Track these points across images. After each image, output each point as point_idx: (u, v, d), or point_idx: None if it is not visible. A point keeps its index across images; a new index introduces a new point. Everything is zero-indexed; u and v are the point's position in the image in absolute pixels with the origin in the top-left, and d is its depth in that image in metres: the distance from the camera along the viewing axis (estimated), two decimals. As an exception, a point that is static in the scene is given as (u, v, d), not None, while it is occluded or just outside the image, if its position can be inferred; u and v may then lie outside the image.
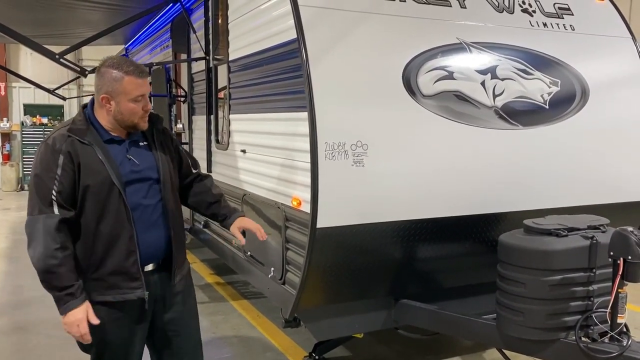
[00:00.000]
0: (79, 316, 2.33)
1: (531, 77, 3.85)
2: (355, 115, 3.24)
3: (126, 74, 2.38)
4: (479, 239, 3.69)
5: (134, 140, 2.55)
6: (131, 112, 2.44)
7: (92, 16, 6.62)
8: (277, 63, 3.54)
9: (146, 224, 2.49)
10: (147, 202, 2.51)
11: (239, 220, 2.94)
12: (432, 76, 3.50)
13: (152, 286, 2.54)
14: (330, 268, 3.31)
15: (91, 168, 2.38)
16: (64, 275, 2.31)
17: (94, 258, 2.42)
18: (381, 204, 3.29)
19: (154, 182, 2.55)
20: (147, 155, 2.56)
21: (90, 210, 2.39)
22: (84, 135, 2.40)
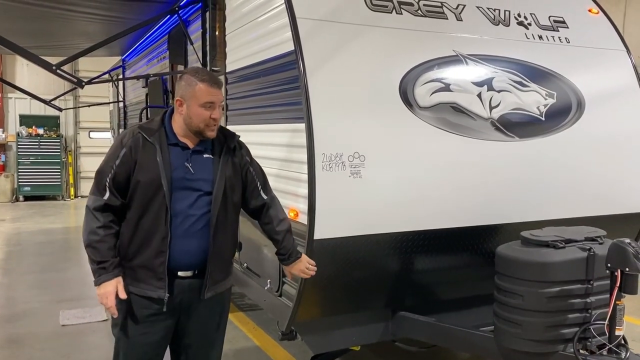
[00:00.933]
0: (108, 289, 2.50)
1: (527, 89, 3.87)
2: (353, 126, 3.25)
3: (201, 81, 2.54)
4: (476, 250, 3.69)
5: (199, 150, 2.64)
6: (199, 117, 2.56)
7: (89, 27, 6.64)
8: (274, 75, 3.55)
9: (186, 232, 2.56)
10: (192, 212, 2.57)
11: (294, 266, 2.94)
12: (429, 88, 3.52)
13: (180, 292, 2.62)
14: (327, 280, 3.29)
15: (146, 166, 2.53)
16: (101, 250, 2.51)
17: (132, 248, 2.58)
18: (379, 215, 3.28)
19: (205, 194, 2.60)
20: (207, 167, 2.63)
21: (136, 204, 2.55)
22: (151, 134, 2.57)
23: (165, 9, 5.48)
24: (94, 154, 15.10)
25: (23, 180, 14.50)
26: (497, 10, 4.03)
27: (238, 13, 4.17)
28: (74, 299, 6.14)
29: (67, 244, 9.30)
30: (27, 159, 14.50)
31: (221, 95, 2.64)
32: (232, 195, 2.70)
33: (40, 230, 10.54)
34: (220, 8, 4.72)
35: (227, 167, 2.68)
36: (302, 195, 3.21)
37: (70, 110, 14.89)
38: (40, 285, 6.71)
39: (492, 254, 3.52)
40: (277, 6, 3.44)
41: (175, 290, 2.59)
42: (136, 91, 8.45)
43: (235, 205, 2.75)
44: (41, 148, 14.61)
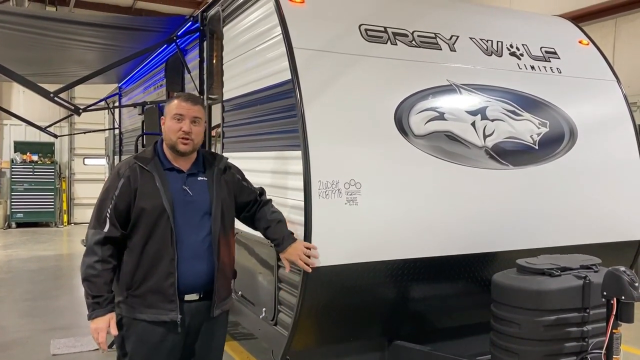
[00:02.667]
0: (100, 325, 2.55)
1: (520, 118, 3.92)
2: (349, 154, 3.27)
3: (176, 98, 2.75)
4: (471, 278, 3.68)
5: (194, 173, 2.77)
6: (171, 129, 2.69)
7: (87, 56, 6.70)
8: (271, 103, 3.59)
9: (191, 254, 2.65)
10: (195, 233, 2.68)
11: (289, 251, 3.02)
12: (424, 117, 3.56)
13: (189, 315, 2.68)
14: (323, 308, 3.27)
15: (147, 193, 2.62)
16: (97, 285, 2.55)
17: (138, 275, 2.62)
18: (375, 242, 3.28)
19: (205, 215, 2.71)
20: (203, 190, 2.75)
21: (140, 231, 2.62)
22: (147, 162, 2.68)
23: (162, 38, 5.55)
24: (88, 181, 15.10)
25: (16, 207, 14.41)
26: (489, 41, 4.11)
27: (235, 42, 4.24)
28: (65, 328, 6.04)
29: (59, 272, 9.19)
30: (21, 186, 14.45)
31: (195, 112, 2.73)
32: (228, 214, 2.83)
33: (33, 257, 10.43)
34: (217, 37, 4.79)
35: (221, 188, 2.80)
36: (298, 223, 3.21)
37: (65, 137, 14.90)
38: (31, 314, 6.61)
39: (488, 282, 3.52)
40: (274, 36, 3.50)
41: (185, 313, 2.66)
42: (132, 118, 8.49)
43: (231, 224, 2.88)
44: (35, 174, 14.57)
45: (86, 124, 13.44)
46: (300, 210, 3.17)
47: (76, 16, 5.20)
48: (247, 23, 4.00)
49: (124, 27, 5.53)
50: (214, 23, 4.74)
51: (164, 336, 2.65)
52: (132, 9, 14.92)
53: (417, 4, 4.16)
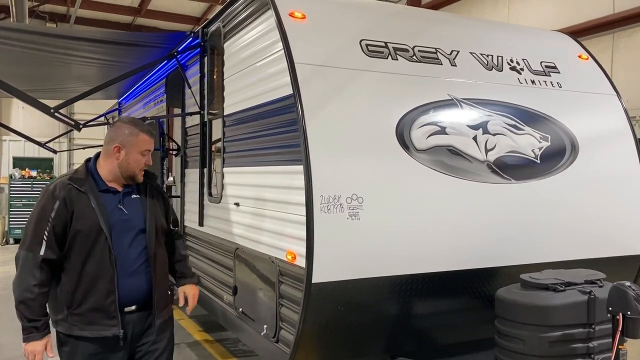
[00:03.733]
0: (37, 348, 2.63)
1: (522, 133, 3.92)
2: (351, 168, 3.26)
3: (142, 132, 2.83)
4: (474, 294, 3.65)
5: (127, 192, 2.86)
6: (136, 162, 2.81)
7: (87, 71, 6.71)
8: (272, 118, 3.58)
9: (129, 269, 2.75)
10: (132, 250, 2.77)
11: (188, 286, 3.17)
12: (425, 131, 3.55)
13: (130, 325, 2.77)
14: (325, 325, 3.23)
15: (83, 214, 2.67)
16: (34, 309, 2.62)
17: (77, 295, 2.68)
18: (377, 258, 3.26)
19: (140, 231, 2.81)
20: (137, 207, 2.85)
21: (77, 252, 2.67)
22: (82, 184, 2.72)
23: (163, 53, 5.56)
24: (87, 196, 14.99)
25: (14, 223, 14.32)
26: (490, 56, 4.12)
27: (237, 58, 4.24)
28: (63, 345, 5.96)
29: (57, 288, 9.09)
30: (19, 201, 14.38)
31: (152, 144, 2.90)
32: (161, 229, 2.95)
33: (30, 273, 10.31)
34: (218, 53, 4.80)
35: (153, 204, 2.93)
36: (299, 238, 3.18)
37: (64, 153, 14.88)
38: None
39: (491, 297, 3.50)
40: (276, 52, 3.50)
41: (126, 325, 2.74)
42: (132, 134, 8.47)
43: (163, 238, 2.99)
44: (34, 190, 14.51)
45: (85, 140, 13.43)
46: (302, 225, 3.14)
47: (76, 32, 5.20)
48: (248, 39, 4.01)
49: (125, 43, 5.54)
50: (215, 39, 4.75)
51: (108, 351, 2.72)
52: (132, 26, 15.02)
53: (417, 19, 4.19)
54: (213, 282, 4.73)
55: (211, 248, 4.81)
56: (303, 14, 3.50)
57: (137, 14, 14.22)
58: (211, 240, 4.79)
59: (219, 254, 4.57)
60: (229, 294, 4.31)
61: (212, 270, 4.76)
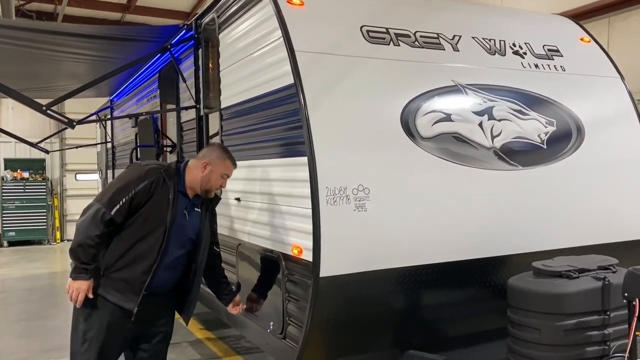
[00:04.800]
0: (83, 286, 2.89)
1: (527, 118, 3.84)
2: (356, 159, 3.17)
3: (228, 158, 3.25)
4: (485, 283, 3.57)
5: (194, 204, 3.17)
6: (216, 182, 3.19)
7: (78, 68, 6.56)
8: (273, 109, 3.48)
9: (168, 264, 3.03)
10: (178, 250, 3.07)
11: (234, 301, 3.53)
12: (430, 118, 3.47)
13: (147, 307, 2.99)
14: (334, 319, 3.15)
15: (158, 202, 2.98)
16: (89, 254, 2.88)
17: (120, 263, 2.96)
18: (385, 249, 3.17)
19: (189, 239, 3.13)
20: (196, 219, 3.17)
21: (137, 229, 2.96)
22: (170, 177, 3.04)
23: (155, 47, 5.43)
24: (80, 197, 14.84)
25: (7, 225, 14.14)
26: (492, 40, 4.03)
27: (233, 49, 4.13)
28: (62, 348, 5.82)
29: (53, 290, 8.99)
30: (12, 203, 14.19)
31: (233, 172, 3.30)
32: (208, 244, 3.28)
33: (26, 276, 10.21)
34: (213, 45, 4.69)
35: (209, 222, 3.25)
36: (305, 231, 3.09)
37: (57, 153, 14.68)
38: (27, 334, 6.43)
39: (501, 286, 3.43)
40: (274, 40, 3.40)
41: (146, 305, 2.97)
42: (125, 131, 8.35)
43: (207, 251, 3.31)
44: (26, 192, 14.33)
45: (77, 139, 13.24)
46: (307, 219, 3.05)
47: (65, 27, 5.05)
48: (245, 28, 3.90)
49: (116, 38, 5.40)
50: (209, 30, 4.63)
51: (120, 319, 2.98)
52: (121, 22, 14.80)
53: (417, 5, 4.08)
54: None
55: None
56: (301, 1, 3.40)
57: (126, 10, 13.99)
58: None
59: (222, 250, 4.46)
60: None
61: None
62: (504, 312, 3.26)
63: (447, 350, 3.60)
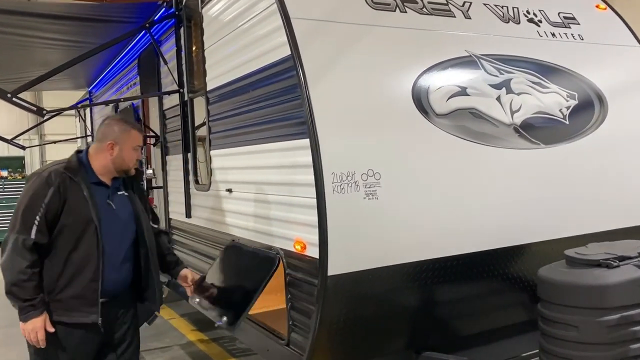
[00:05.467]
0: (38, 324, 2.64)
1: (547, 91, 3.48)
2: (364, 140, 2.79)
3: (132, 128, 2.93)
4: (508, 275, 3.22)
5: (116, 187, 2.91)
6: (130, 158, 2.89)
7: (51, 56, 6.08)
8: (267, 86, 3.08)
9: (114, 262, 2.80)
10: (120, 243, 2.84)
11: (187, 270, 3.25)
12: (444, 92, 3.09)
13: (108, 314, 2.79)
14: (344, 322, 2.78)
15: (75, 203, 2.70)
16: (29, 289, 2.63)
17: (61, 281, 2.70)
18: (400, 242, 2.81)
19: (126, 227, 2.87)
20: (125, 203, 2.92)
21: (66, 239, 2.69)
22: (75, 174, 2.75)
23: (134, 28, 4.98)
24: (62, 194, 14.30)
25: (-14, 227, 13.60)
26: (505, 7, 3.66)
27: (218, 24, 3.71)
28: (44, 357, 5.44)
29: (36, 293, 8.52)
30: (-10, 204, 13.65)
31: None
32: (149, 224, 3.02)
33: (6, 279, 9.72)
34: (195, 22, 4.27)
35: (139, 202, 3.00)
36: (309, 224, 2.71)
37: (36, 150, 14.14)
38: (7, 342, 6.00)
39: (526, 278, 3.09)
40: (267, 7, 2.99)
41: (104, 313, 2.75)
42: (105, 123, 7.89)
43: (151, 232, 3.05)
44: (5, 191, 13.78)
45: (57, 135, 12.74)
46: (311, 209, 2.67)
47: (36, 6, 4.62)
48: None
49: (91, 19, 4.94)
50: (191, 6, 4.20)
51: (84, 337, 2.76)
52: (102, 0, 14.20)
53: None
54: (206, 279, 4.23)
55: (201, 241, 4.31)
56: (296, -38, 2.99)
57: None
58: (201, 232, 4.29)
59: (211, 247, 4.08)
60: (227, 292, 3.83)
61: (204, 265, 4.26)
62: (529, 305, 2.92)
63: (464, 349, 3.26)
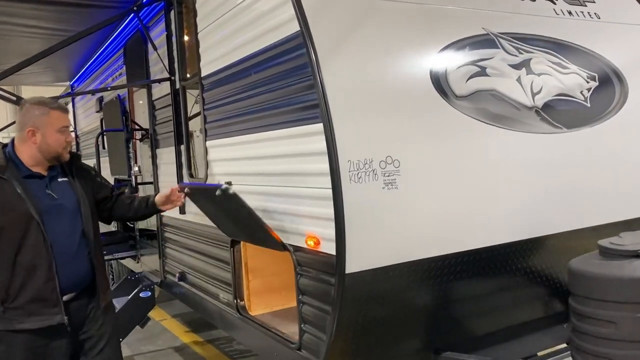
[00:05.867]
0: None
1: (567, 72, 3.27)
2: (381, 123, 2.55)
3: (52, 109, 2.64)
4: (536, 267, 3.01)
5: (54, 176, 2.69)
6: (57, 142, 2.63)
7: (31, 45, 5.73)
8: (272, 68, 2.82)
9: (68, 255, 2.61)
10: (69, 235, 2.63)
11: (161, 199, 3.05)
12: (464, 72, 2.86)
13: (73, 312, 2.63)
14: (362, 324, 2.55)
15: (9, 202, 2.50)
16: None
17: (13, 288, 2.53)
18: (422, 235, 2.58)
19: (74, 216, 2.67)
20: (67, 190, 2.70)
21: (7, 242, 2.51)
22: (3, 171, 2.54)
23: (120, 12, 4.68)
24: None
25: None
26: (519, -17, 3.43)
27: (213, 3, 3.44)
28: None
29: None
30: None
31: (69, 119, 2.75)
32: (94, 210, 2.81)
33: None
34: (187, 4, 3.99)
35: (84, 185, 2.78)
36: (324, 217, 2.46)
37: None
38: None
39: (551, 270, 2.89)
40: (271, -20, 2.73)
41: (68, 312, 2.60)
42: (89, 118, 7.55)
43: (97, 218, 2.87)
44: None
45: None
46: (326, 201, 2.42)
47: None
48: (228, -26, 3.21)
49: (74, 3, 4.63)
50: (182, -14, 3.93)
51: (51, 340, 2.60)
52: None
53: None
54: (205, 278, 3.97)
55: (199, 239, 4.04)
56: None
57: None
58: (198, 229, 4.02)
59: (210, 245, 3.81)
60: (228, 292, 3.58)
61: (202, 265, 4.00)
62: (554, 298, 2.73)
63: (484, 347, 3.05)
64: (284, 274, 3.62)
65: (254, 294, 3.52)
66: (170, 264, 4.73)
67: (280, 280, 3.61)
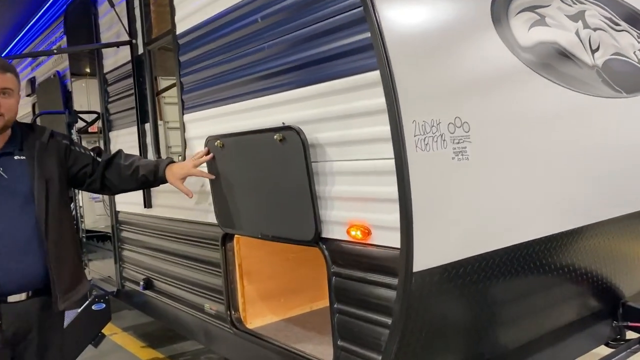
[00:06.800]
0: None
1: (620, 29, 2.84)
2: (445, 75, 1.96)
3: None
4: (591, 253, 2.54)
5: (8, 152, 2.33)
6: None
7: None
8: (289, 8, 2.15)
9: (14, 248, 2.23)
10: (18, 223, 2.25)
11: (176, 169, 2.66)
12: (525, 19, 2.33)
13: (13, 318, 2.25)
14: (427, 332, 1.95)
15: None
16: None
17: None
18: (499, 218, 2.02)
19: (26, 200, 2.28)
20: (22, 171, 2.32)
21: None
22: None
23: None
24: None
25: None
26: None
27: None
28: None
29: None
30: None
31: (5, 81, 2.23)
32: (55, 194, 2.37)
33: None
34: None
35: (45, 165, 2.38)
36: (380, 199, 1.85)
37: None
38: None
39: (610, 257, 2.44)
40: None
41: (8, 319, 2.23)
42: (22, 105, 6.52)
43: (65, 202, 2.48)
44: None
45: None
46: (383, 177, 1.81)
47: None
48: None
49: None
50: None
51: None
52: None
53: None
54: (182, 285, 3.24)
55: (173, 237, 3.30)
56: None
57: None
58: (171, 226, 3.29)
59: (190, 244, 3.09)
60: (217, 301, 2.88)
61: (178, 269, 3.27)
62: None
63: (529, 355, 2.55)
64: (281, 277, 3.00)
65: (249, 302, 2.86)
66: (130, 269, 3.95)
67: (277, 284, 2.98)
